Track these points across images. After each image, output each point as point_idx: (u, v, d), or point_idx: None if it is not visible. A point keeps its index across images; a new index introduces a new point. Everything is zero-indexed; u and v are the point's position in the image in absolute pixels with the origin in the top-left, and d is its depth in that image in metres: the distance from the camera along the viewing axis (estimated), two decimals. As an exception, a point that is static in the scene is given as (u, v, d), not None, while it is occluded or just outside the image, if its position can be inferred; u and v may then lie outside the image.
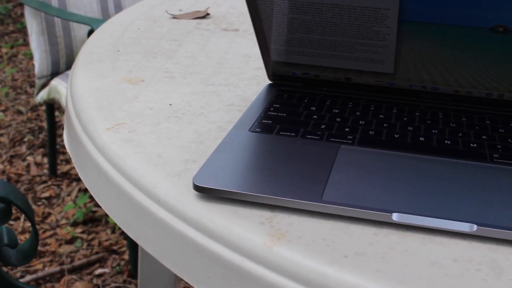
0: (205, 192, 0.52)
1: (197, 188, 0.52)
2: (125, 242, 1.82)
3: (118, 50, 0.88)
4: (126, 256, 1.77)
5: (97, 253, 1.79)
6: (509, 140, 0.61)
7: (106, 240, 1.84)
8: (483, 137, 0.61)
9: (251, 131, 0.61)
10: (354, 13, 0.61)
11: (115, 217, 0.61)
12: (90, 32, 1.65)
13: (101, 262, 1.76)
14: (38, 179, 2.15)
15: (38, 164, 2.25)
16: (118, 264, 1.74)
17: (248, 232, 0.48)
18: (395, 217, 0.48)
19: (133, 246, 1.64)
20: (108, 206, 0.61)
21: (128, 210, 0.57)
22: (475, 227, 0.47)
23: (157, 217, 0.53)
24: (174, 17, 1.06)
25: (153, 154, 0.59)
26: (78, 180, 2.12)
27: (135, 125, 0.65)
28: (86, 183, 0.66)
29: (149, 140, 0.62)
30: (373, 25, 0.62)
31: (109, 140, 0.62)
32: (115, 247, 1.81)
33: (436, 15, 0.59)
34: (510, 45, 0.60)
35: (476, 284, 0.43)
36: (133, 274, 1.70)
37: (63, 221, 1.93)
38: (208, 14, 1.08)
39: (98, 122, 0.66)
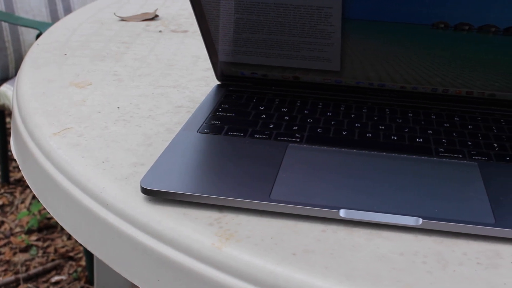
0: (153, 195, 0.51)
1: (144, 191, 0.51)
2: (81, 248, 1.79)
3: (65, 54, 0.87)
4: (83, 262, 1.75)
5: (53, 260, 1.76)
6: (454, 134, 0.62)
7: (62, 247, 1.81)
8: (429, 131, 0.62)
9: (200, 132, 0.60)
10: (298, 12, 0.61)
11: (64, 223, 0.60)
12: (39, 36, 1.62)
13: (58, 269, 1.73)
14: (-10, 187, 2.11)
15: (-10, 172, 2.20)
16: (75, 271, 1.72)
17: (196, 233, 0.48)
18: (342, 213, 0.49)
19: (90, 252, 1.62)
20: (57, 212, 0.61)
21: (77, 216, 0.57)
22: (420, 220, 0.48)
23: (106, 221, 0.53)
24: (123, 19, 1.05)
25: (100, 158, 0.59)
26: (32, 187, 2.08)
27: (83, 129, 0.64)
28: (34, 189, 0.65)
29: (97, 144, 0.61)
30: (317, 24, 0.62)
31: (56, 145, 0.61)
32: (71, 254, 1.79)
33: (379, 12, 0.60)
34: (451, 41, 0.61)
35: (421, 276, 0.44)
36: (91, 280, 1.67)
37: (17, 229, 1.89)
38: (156, 15, 1.07)
39: (45, 128, 0.65)
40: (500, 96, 0.67)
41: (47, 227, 1.90)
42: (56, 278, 1.70)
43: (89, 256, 1.63)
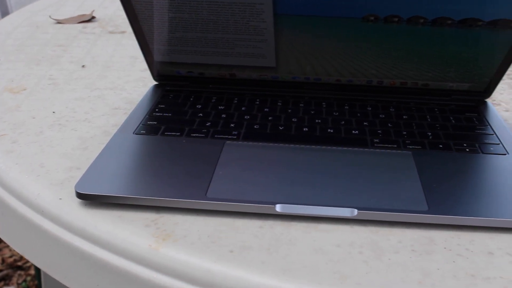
0: (89, 199, 0.51)
1: (79, 195, 0.50)
2: (30, 256, 1.76)
3: (-1, 59, 0.85)
4: (32, 271, 1.71)
5: (1, 271, 1.72)
6: (389, 124, 0.63)
7: (10, 257, 1.77)
8: (365, 123, 0.63)
9: (136, 134, 0.60)
10: (230, 9, 0.61)
11: (0, 232, 0.58)
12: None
13: (6, 279, 1.70)
14: None
15: None
16: (24, 280, 1.68)
17: (133, 235, 0.48)
18: (279, 208, 0.49)
19: (38, 260, 1.59)
20: (-7, 221, 0.59)
21: (13, 224, 0.55)
22: (355, 211, 0.49)
23: (42, 228, 0.52)
24: (59, 22, 1.03)
25: (35, 164, 0.58)
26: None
27: (17, 135, 0.63)
28: (-31, 199, 0.63)
29: (32, 150, 0.60)
30: (250, 20, 0.62)
31: (-11, 153, 0.60)
32: (19, 263, 1.75)
33: (310, 7, 0.60)
34: (381, 33, 0.62)
35: (357, 267, 0.44)
36: (41, 289, 1.64)
37: (-37, 241, 1.85)
38: (93, 17, 1.06)
39: (-23, 135, 0.63)
40: (434, 85, 0.68)
41: (-6, 237, 1.86)
42: (5, 288, 1.67)
43: (38, 264, 1.60)
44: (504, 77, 0.83)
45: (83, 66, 0.78)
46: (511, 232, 0.49)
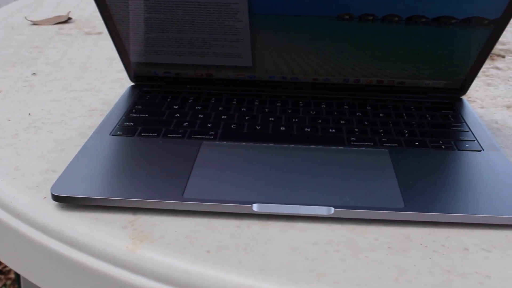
0: (65, 201, 0.50)
1: (55, 198, 0.50)
2: (9, 260, 1.74)
3: (-26, 62, 0.85)
4: (12, 275, 1.70)
5: (-20, 275, 1.71)
6: (366, 123, 0.63)
7: (-11, 260, 1.76)
8: (341, 121, 0.63)
9: (112, 135, 0.60)
10: (205, 9, 0.61)
11: (-24, 236, 0.58)
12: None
13: (-14, 283, 1.68)
14: None
15: None
16: (4, 284, 1.67)
17: (110, 237, 0.47)
18: (255, 207, 0.49)
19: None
20: (-32, 225, 0.59)
21: (-12, 228, 0.55)
22: (332, 210, 0.49)
23: (18, 231, 0.52)
24: (35, 23, 1.02)
25: (10, 167, 0.57)
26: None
27: (-8, 138, 0.63)
28: None
29: (7, 153, 0.60)
30: (225, 20, 0.62)
31: (-36, 156, 0.59)
32: (-1, 267, 1.74)
33: (285, 6, 0.60)
34: (356, 32, 0.62)
35: (334, 265, 0.44)
36: (21, 292, 1.63)
37: None
38: (70, 18, 1.05)
39: (-48, 139, 0.63)
40: (410, 83, 0.68)
41: (-27, 241, 1.84)
42: (-15, 292, 1.65)
43: (18, 267, 1.59)
44: (479, 74, 0.84)
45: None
46: (486, 228, 0.49)
